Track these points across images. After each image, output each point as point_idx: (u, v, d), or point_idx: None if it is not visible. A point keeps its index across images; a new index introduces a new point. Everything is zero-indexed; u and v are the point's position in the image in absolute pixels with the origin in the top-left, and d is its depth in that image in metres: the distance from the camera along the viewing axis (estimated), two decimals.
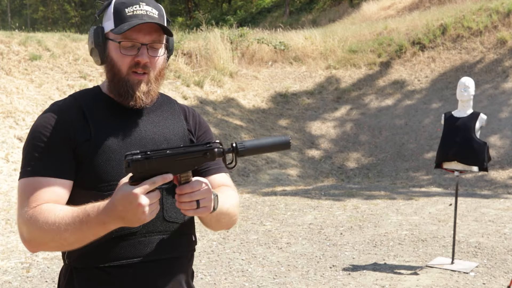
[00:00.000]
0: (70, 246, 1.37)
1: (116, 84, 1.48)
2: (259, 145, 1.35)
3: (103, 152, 1.45)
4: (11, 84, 8.86)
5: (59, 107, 1.49)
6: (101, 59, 1.49)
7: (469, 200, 7.78)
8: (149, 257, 1.48)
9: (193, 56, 12.86)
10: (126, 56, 1.46)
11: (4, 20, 43.94)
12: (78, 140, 1.44)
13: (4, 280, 4.56)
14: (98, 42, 1.48)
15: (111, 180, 1.44)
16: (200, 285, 4.50)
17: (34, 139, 1.43)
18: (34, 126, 1.46)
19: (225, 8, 38.90)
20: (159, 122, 1.56)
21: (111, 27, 1.46)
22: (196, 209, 1.33)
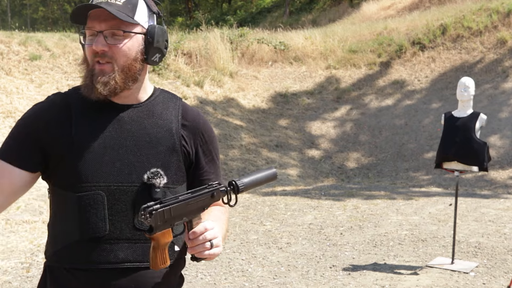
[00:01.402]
0: None
1: (85, 75, 1.45)
2: (255, 181, 1.49)
3: (80, 151, 1.41)
4: (11, 84, 8.86)
5: (47, 102, 1.50)
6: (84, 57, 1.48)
7: (469, 200, 7.78)
8: (116, 265, 1.43)
9: (193, 56, 12.85)
10: (88, 46, 1.43)
11: (4, 20, 43.93)
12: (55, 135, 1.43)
13: (4, 280, 4.56)
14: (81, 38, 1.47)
15: (87, 181, 1.41)
16: (200, 285, 4.50)
17: (17, 126, 1.48)
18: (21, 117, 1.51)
19: (225, 8, 38.90)
20: (145, 121, 1.49)
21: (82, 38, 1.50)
22: (210, 249, 1.36)
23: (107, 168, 1.42)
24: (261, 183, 1.50)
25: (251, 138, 10.83)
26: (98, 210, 1.41)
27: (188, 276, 4.68)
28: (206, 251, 1.35)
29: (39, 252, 5.25)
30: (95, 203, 1.41)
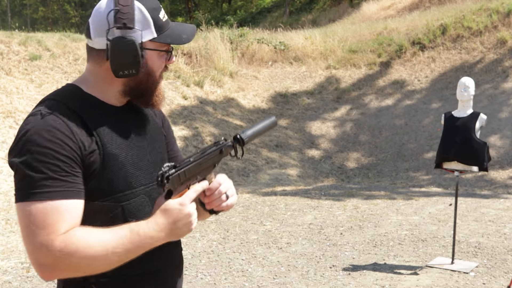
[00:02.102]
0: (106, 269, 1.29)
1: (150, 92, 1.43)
2: (257, 132, 1.55)
3: (112, 160, 1.37)
4: (11, 84, 8.86)
5: (56, 116, 1.31)
6: (138, 72, 1.38)
7: (469, 200, 7.78)
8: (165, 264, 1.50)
9: (193, 56, 12.86)
10: (166, 61, 1.45)
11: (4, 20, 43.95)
12: (85, 151, 1.32)
13: (4, 280, 4.56)
14: (141, 54, 1.36)
15: (125, 189, 1.39)
16: (200, 285, 4.50)
17: (43, 154, 1.25)
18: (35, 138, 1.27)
19: (225, 8, 38.90)
20: (144, 121, 1.52)
21: (153, 36, 1.39)
22: (226, 200, 1.46)
23: (138, 171, 1.43)
24: (263, 132, 1.58)
25: None
26: (146, 214, 1.40)
27: (188, 276, 4.68)
28: (223, 203, 1.46)
29: None
30: (142, 208, 1.41)
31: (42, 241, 1.22)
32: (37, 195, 1.24)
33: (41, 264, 1.24)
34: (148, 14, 1.38)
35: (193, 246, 5.56)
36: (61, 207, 1.25)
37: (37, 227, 1.23)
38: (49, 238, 1.22)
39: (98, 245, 1.24)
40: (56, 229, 1.23)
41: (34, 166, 1.25)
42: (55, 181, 1.25)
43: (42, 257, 1.23)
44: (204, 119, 10.84)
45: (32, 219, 1.23)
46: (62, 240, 1.22)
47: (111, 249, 1.25)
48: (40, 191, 1.24)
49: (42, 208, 1.23)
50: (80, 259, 1.23)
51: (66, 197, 1.26)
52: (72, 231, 1.24)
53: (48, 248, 1.22)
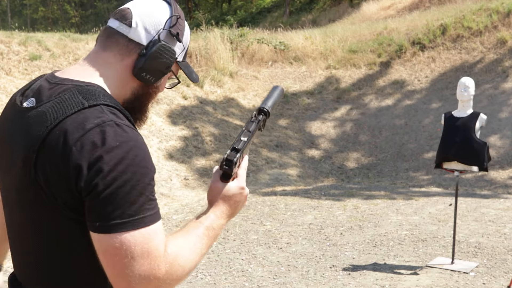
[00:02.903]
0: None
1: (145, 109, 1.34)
2: (275, 102, 1.58)
3: None
4: (11, 84, 8.86)
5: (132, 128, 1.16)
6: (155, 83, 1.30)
7: (469, 200, 7.78)
8: None
9: (193, 56, 12.86)
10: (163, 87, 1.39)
11: (4, 20, 43.97)
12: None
13: (4, 280, 4.56)
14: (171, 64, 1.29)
15: None
16: (200, 285, 4.50)
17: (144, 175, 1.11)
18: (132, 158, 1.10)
19: (225, 8, 38.92)
20: None
21: (181, 59, 1.35)
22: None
23: None
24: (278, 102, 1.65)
25: None
26: None
27: (188, 276, 4.68)
28: None
29: None
30: None
31: (145, 271, 1.09)
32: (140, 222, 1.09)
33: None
34: (188, 39, 1.36)
35: None
36: (155, 230, 1.12)
37: (138, 258, 1.09)
38: (153, 266, 1.10)
39: (193, 255, 1.19)
40: (157, 255, 1.11)
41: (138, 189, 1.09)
42: (151, 203, 1.12)
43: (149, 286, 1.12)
44: (204, 119, 10.84)
45: (131, 250, 1.08)
46: (165, 261, 1.12)
47: (200, 253, 1.22)
48: (141, 216, 1.09)
49: (144, 235, 1.09)
50: (183, 275, 1.18)
51: (158, 218, 1.14)
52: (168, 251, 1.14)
53: (152, 278, 1.10)
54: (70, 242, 1.16)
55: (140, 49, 1.23)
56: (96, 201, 1.07)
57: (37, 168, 1.11)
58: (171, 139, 9.70)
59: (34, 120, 1.15)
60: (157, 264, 1.10)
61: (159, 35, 1.24)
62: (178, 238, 1.19)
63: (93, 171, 1.06)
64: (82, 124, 1.10)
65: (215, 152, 9.83)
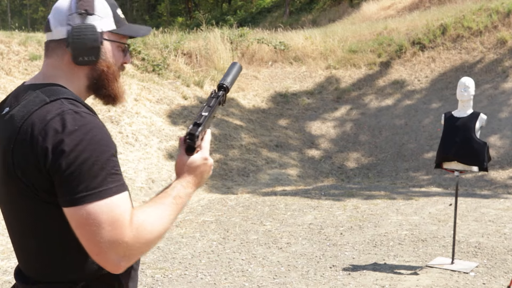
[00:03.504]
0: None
1: (108, 85, 1.44)
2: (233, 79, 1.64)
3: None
4: (11, 84, 8.86)
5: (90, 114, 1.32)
6: (97, 59, 1.40)
7: (469, 200, 7.78)
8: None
9: (193, 56, 12.86)
10: (122, 58, 1.48)
11: (4, 20, 43.97)
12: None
13: (4, 280, 4.56)
14: (101, 41, 1.39)
15: None
16: (200, 285, 4.50)
17: (103, 152, 1.25)
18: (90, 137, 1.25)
19: (225, 8, 38.92)
20: None
21: (112, 27, 1.43)
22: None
23: None
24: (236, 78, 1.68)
25: (251, 138, 10.83)
26: None
27: (188, 276, 4.68)
28: None
29: None
30: None
31: (113, 236, 1.22)
32: (103, 194, 1.23)
33: (114, 261, 1.24)
34: (108, 6, 1.43)
35: (193, 246, 5.56)
36: (122, 200, 1.26)
37: (106, 225, 1.22)
38: (121, 230, 1.23)
39: (160, 221, 1.30)
40: (123, 223, 1.24)
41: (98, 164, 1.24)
42: (115, 176, 1.27)
43: (115, 253, 1.23)
44: None
45: (98, 219, 1.22)
46: (130, 229, 1.24)
47: (168, 220, 1.33)
48: (105, 188, 1.24)
49: (108, 206, 1.23)
50: (152, 240, 1.28)
51: (123, 190, 1.28)
52: (134, 218, 1.26)
53: (120, 242, 1.23)
54: (53, 226, 1.30)
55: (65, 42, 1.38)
56: (62, 179, 1.23)
57: (14, 161, 1.27)
58: (171, 139, 9.70)
59: (8, 123, 1.33)
60: (123, 230, 1.23)
61: (68, 22, 1.37)
62: (146, 208, 1.31)
63: (57, 153, 1.22)
64: (45, 116, 1.27)
65: (215, 152, 9.83)
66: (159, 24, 31.99)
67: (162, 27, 16.03)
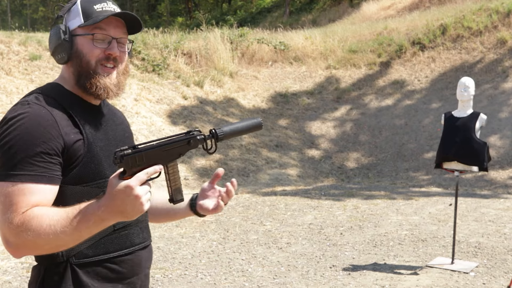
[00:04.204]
0: (64, 247, 1.37)
1: (86, 78, 1.49)
2: (235, 130, 1.49)
3: (95, 150, 1.48)
4: (11, 84, 8.86)
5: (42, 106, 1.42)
6: (68, 56, 1.49)
7: (469, 200, 7.78)
8: (143, 243, 1.60)
9: (193, 56, 12.86)
10: (97, 49, 1.48)
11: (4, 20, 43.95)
12: (69, 140, 1.43)
13: (4, 280, 4.56)
14: (64, 38, 1.48)
15: (107, 176, 1.47)
16: (200, 285, 4.50)
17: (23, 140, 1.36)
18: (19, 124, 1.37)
19: (225, 8, 38.91)
20: (116, 119, 1.65)
21: (80, 23, 1.48)
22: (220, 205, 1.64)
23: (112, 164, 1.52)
24: (244, 133, 1.52)
25: (251, 138, 10.83)
26: None
27: (188, 276, 4.68)
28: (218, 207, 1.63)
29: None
30: None
31: (6, 218, 1.32)
32: (11, 177, 1.34)
33: (6, 241, 1.34)
34: (79, 6, 1.50)
35: (193, 246, 5.56)
36: (28, 189, 1.34)
37: (4, 206, 1.33)
38: (11, 216, 1.32)
39: (48, 224, 1.31)
40: (17, 208, 1.32)
41: (14, 149, 1.35)
42: (29, 165, 1.35)
43: (6, 234, 1.33)
44: (204, 119, 10.84)
45: (2, 199, 1.34)
46: (20, 218, 1.32)
47: (59, 229, 1.30)
48: (14, 173, 1.34)
49: (11, 190, 1.33)
50: (35, 237, 1.31)
51: (35, 181, 1.35)
52: (30, 210, 1.33)
53: (9, 226, 1.32)
54: None
55: None
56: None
57: None
58: None
59: None
60: (13, 216, 1.32)
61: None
62: (50, 209, 1.34)
63: None
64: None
65: (215, 152, 9.83)
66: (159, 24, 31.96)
67: (162, 27, 16.02)
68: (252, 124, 1.52)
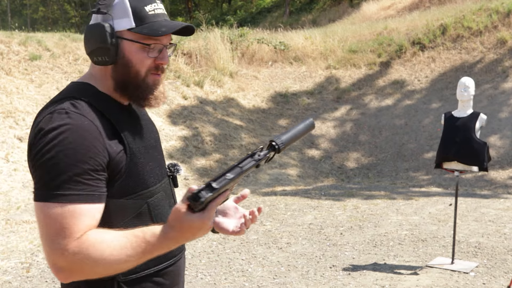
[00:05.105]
0: (119, 272, 1.28)
1: (133, 86, 1.38)
2: (293, 137, 1.39)
3: (137, 158, 1.38)
4: (11, 84, 8.86)
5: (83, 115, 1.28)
6: (113, 60, 1.35)
7: (469, 200, 7.78)
8: (182, 252, 1.56)
9: (193, 56, 12.86)
10: (149, 59, 1.37)
11: (4, 20, 43.94)
12: (113, 152, 1.31)
13: (4, 280, 4.56)
14: (112, 41, 1.33)
15: (149, 186, 1.41)
16: (200, 285, 4.50)
17: (70, 156, 1.23)
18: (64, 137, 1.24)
19: (225, 8, 38.91)
20: (147, 120, 1.54)
21: (130, 26, 1.34)
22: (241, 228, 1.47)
23: (153, 169, 1.44)
24: (300, 137, 1.43)
25: (251, 138, 10.83)
26: (164, 209, 1.46)
27: (188, 276, 4.68)
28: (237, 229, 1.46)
29: (39, 252, 5.25)
30: (161, 204, 1.45)
31: (57, 245, 1.20)
32: (58, 197, 1.21)
33: (57, 267, 1.22)
34: (128, 3, 1.34)
35: (193, 246, 5.56)
36: (79, 211, 1.22)
37: (54, 230, 1.21)
38: (64, 242, 1.20)
39: (110, 253, 1.21)
40: (71, 233, 1.21)
41: (60, 166, 1.22)
42: (77, 184, 1.23)
43: (57, 260, 1.21)
44: (204, 119, 10.84)
45: (49, 221, 1.21)
46: (76, 245, 1.20)
47: (125, 258, 1.22)
48: (61, 193, 1.22)
49: (61, 212, 1.21)
50: (93, 265, 1.21)
51: (86, 201, 1.24)
52: (85, 235, 1.22)
53: (63, 253, 1.20)
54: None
55: None
56: (32, 173, 1.28)
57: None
58: (171, 139, 9.70)
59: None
60: (67, 241, 1.20)
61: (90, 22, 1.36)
62: (108, 233, 1.23)
63: (32, 149, 1.27)
64: (42, 113, 1.31)
65: (215, 152, 9.83)
66: None
67: None
68: (307, 126, 1.45)
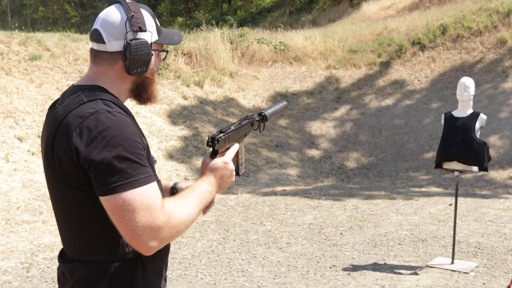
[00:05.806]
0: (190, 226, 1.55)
1: (149, 89, 1.63)
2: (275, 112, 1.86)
3: (149, 153, 1.57)
4: (11, 84, 8.86)
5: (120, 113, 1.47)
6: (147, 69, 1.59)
7: (469, 200, 7.78)
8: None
9: (193, 56, 12.86)
10: (159, 62, 1.67)
11: (4, 20, 43.95)
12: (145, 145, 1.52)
13: (4, 280, 4.56)
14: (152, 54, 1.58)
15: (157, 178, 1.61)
16: (200, 285, 4.50)
17: (132, 147, 1.42)
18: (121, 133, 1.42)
19: (225, 8, 38.90)
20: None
21: (155, 38, 1.60)
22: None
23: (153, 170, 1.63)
24: (279, 113, 1.89)
25: (251, 138, 10.83)
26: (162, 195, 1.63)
27: (188, 276, 4.68)
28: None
29: (39, 252, 5.25)
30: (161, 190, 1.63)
31: (146, 221, 1.38)
32: (137, 183, 1.39)
33: (147, 243, 1.39)
34: (152, 19, 1.60)
35: (193, 246, 5.56)
36: (154, 189, 1.43)
37: (142, 210, 1.38)
38: (153, 216, 1.38)
39: (187, 211, 1.47)
40: (157, 207, 1.40)
41: (128, 157, 1.39)
42: (144, 168, 1.42)
43: (148, 236, 1.38)
44: (204, 119, 10.85)
45: (133, 205, 1.37)
46: (162, 215, 1.40)
47: (194, 211, 1.49)
48: (137, 178, 1.39)
49: (142, 194, 1.39)
50: (180, 226, 1.44)
51: (153, 180, 1.44)
52: (165, 206, 1.43)
53: (154, 226, 1.38)
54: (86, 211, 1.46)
55: (120, 55, 1.54)
56: (97, 172, 1.38)
57: (53, 153, 1.45)
58: (171, 139, 9.70)
59: (53, 118, 1.50)
60: (156, 215, 1.39)
61: (126, 38, 1.52)
62: (174, 198, 1.49)
63: (90, 149, 1.38)
64: (81, 114, 1.43)
65: None
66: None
67: (162, 27, 16.02)
68: (283, 106, 1.91)
